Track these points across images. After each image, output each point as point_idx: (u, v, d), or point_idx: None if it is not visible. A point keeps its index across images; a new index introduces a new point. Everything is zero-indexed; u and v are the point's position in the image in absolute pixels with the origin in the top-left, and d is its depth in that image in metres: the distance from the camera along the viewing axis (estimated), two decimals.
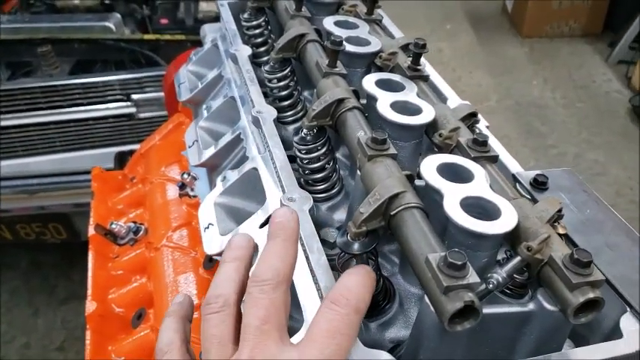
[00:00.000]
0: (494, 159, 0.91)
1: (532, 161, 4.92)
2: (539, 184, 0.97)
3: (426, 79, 1.11)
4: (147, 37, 2.92)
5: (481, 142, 0.90)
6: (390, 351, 0.84)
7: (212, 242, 1.00)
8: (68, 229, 3.11)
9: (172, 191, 1.50)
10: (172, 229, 1.39)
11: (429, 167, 0.84)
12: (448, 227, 0.78)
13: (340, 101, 0.98)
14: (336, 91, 0.98)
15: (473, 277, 0.68)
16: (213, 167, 1.20)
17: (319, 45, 1.15)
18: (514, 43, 6.73)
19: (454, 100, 1.19)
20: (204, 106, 1.30)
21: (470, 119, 1.03)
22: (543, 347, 0.77)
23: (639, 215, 4.25)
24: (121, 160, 2.43)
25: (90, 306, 1.31)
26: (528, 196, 0.97)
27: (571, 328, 0.77)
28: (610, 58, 6.20)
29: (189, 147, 1.23)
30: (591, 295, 0.70)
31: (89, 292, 1.35)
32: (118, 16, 2.95)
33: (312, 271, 0.79)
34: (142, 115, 2.88)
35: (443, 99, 1.19)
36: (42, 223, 3.10)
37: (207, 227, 1.04)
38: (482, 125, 1.12)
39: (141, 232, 1.48)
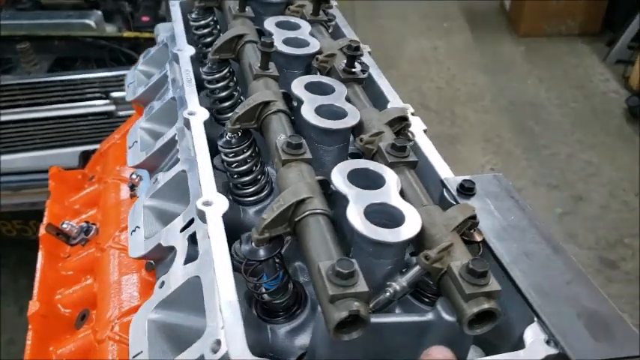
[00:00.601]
0: (413, 164, 0.90)
1: (523, 161, 4.89)
2: (466, 190, 0.96)
3: (360, 81, 1.09)
4: (126, 34, 2.91)
5: (399, 148, 0.89)
6: (299, 358, 0.83)
7: (136, 245, 0.99)
8: None
9: (125, 191, 1.50)
10: (120, 229, 1.38)
11: (340, 173, 0.83)
12: (353, 235, 0.77)
13: (265, 104, 0.97)
14: (261, 94, 0.97)
15: (361, 287, 0.67)
16: (151, 168, 1.19)
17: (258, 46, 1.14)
18: (510, 42, 6.68)
19: (395, 104, 1.17)
20: (148, 107, 1.29)
21: (400, 123, 1.02)
22: None
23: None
24: (86, 158, 2.42)
25: (32, 307, 1.30)
26: (454, 202, 0.95)
27: (472, 337, 0.76)
28: (608, 57, 6.15)
29: (129, 147, 1.22)
30: (486, 306, 0.69)
31: (35, 292, 1.35)
32: (99, 13, 2.94)
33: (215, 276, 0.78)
34: (121, 113, 2.87)
35: (383, 102, 1.17)
36: (23, 219, 3.10)
37: (134, 230, 1.03)
38: (419, 129, 1.10)
39: (92, 232, 1.47)
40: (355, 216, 0.75)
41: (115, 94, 2.84)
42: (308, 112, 0.94)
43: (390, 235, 0.74)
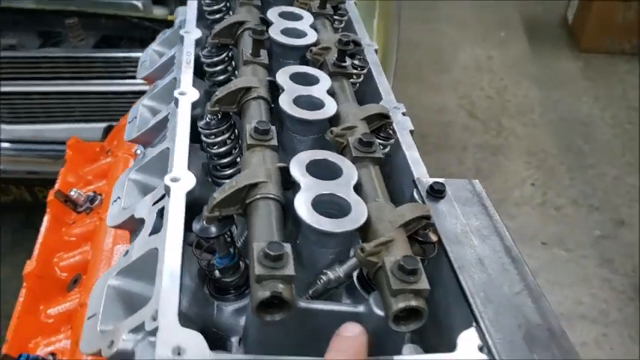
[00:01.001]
0: (378, 160, 0.91)
1: (567, 179, 4.77)
2: (436, 192, 0.96)
3: (349, 76, 1.10)
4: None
5: (366, 143, 0.90)
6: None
7: (114, 215, 1.03)
8: None
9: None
10: None
11: (299, 161, 0.84)
12: (299, 225, 0.78)
13: (247, 90, 0.99)
14: (245, 80, 1.00)
15: (289, 270, 0.68)
16: (145, 144, 1.23)
17: None
18: (569, 57, 6.50)
19: (387, 102, 1.17)
20: (152, 86, 1.34)
21: (380, 120, 1.02)
22: (379, 350, 0.76)
23: None
24: (108, 132, 2.50)
25: (28, 266, 1.37)
26: (421, 202, 0.95)
27: (404, 335, 0.76)
28: None
29: (129, 122, 1.27)
30: (412, 304, 0.69)
31: (35, 252, 1.41)
32: None
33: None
34: None
35: (377, 99, 1.18)
36: None
37: (116, 200, 1.07)
38: (405, 129, 1.10)
39: (97, 202, 1.53)
40: (302, 204, 0.77)
41: None
42: (285, 101, 0.96)
43: (331, 225, 0.75)
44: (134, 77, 2.93)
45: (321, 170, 0.84)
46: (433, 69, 5.92)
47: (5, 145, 3.11)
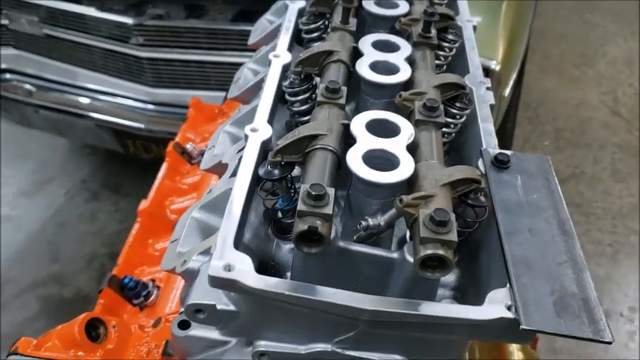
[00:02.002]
0: (440, 125, 0.95)
1: None
2: (499, 162, 0.98)
3: (432, 47, 1.14)
4: None
5: (430, 107, 0.94)
6: None
7: (207, 160, 1.17)
8: None
9: None
10: None
11: (361, 119, 0.91)
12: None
13: (329, 53, 1.07)
14: (328, 44, 1.08)
15: (327, 209, 0.76)
16: (245, 102, 1.35)
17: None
18: None
19: (474, 76, 1.19)
20: (257, 51, 1.45)
21: (456, 89, 1.05)
22: (411, 295, 0.81)
23: None
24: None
25: (143, 203, 1.56)
26: (483, 171, 0.97)
27: (435, 284, 0.81)
28: None
29: (234, 83, 1.40)
30: (439, 252, 0.74)
31: (150, 194, 1.60)
32: None
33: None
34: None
35: (464, 72, 1.20)
36: None
37: (210, 148, 1.20)
38: (486, 100, 1.12)
39: None
40: (353, 156, 0.84)
41: None
42: (361, 65, 1.02)
43: (376, 176, 0.81)
44: None
45: (381, 129, 0.90)
46: (576, 62, 5.61)
47: (150, 106, 3.44)
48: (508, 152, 1.00)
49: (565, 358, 3.16)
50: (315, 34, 1.28)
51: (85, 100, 3.58)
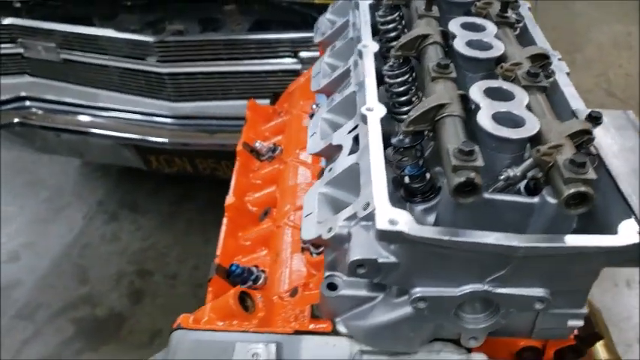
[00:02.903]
0: (544, 89, 1.07)
1: None
2: (593, 119, 1.10)
3: (511, 25, 1.26)
4: (317, 1, 3.25)
5: (533, 74, 1.07)
6: None
7: (313, 145, 1.28)
8: None
9: (305, 121, 1.80)
10: (300, 148, 1.69)
11: (477, 88, 1.02)
12: (481, 133, 0.96)
13: (425, 37, 1.19)
14: (422, 28, 1.19)
15: (479, 162, 0.87)
16: (328, 93, 1.46)
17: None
18: None
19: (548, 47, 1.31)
20: (329, 48, 1.57)
21: (542, 60, 1.18)
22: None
23: None
24: (276, 98, 2.78)
25: (229, 199, 1.66)
26: None
27: (572, 220, 0.92)
28: None
29: (313, 77, 1.51)
30: (582, 189, 0.86)
31: (231, 190, 1.70)
32: None
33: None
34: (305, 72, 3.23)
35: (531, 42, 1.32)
36: (216, 159, 3.60)
37: (312, 135, 1.31)
38: (563, 71, 1.25)
39: (277, 151, 1.80)
40: (484, 117, 0.95)
41: (302, 54, 3.20)
42: (459, 44, 1.15)
43: (510, 132, 0.93)
44: (284, 56, 3.24)
45: (497, 95, 1.02)
46: (567, 49, 5.80)
47: (172, 120, 3.53)
48: (598, 110, 1.12)
49: None
50: (391, 25, 1.40)
51: (106, 120, 3.67)
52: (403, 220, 0.89)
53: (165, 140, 3.54)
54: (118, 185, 4.81)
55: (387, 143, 1.08)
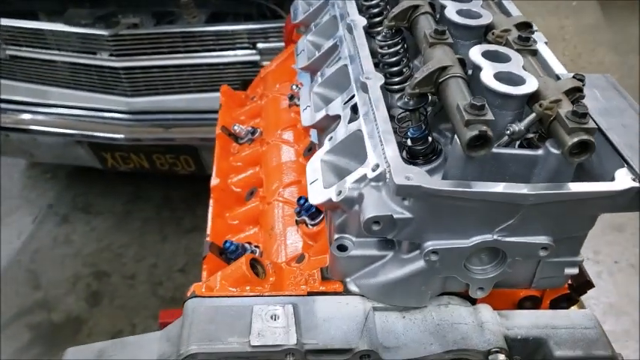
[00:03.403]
0: (534, 52, 1.13)
1: None
2: (578, 81, 1.17)
3: None
4: None
5: (524, 38, 1.13)
6: None
7: (308, 118, 1.30)
8: (197, 161, 3.56)
9: (284, 103, 1.82)
10: (281, 129, 1.71)
11: (476, 51, 1.08)
12: (483, 92, 1.01)
13: (415, 7, 1.24)
14: (410, 1, 1.24)
15: (489, 116, 0.92)
16: (314, 71, 1.49)
17: None
18: None
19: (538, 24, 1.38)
20: (312, 26, 1.60)
21: (526, 27, 1.24)
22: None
23: None
24: (245, 85, 2.78)
25: (214, 180, 1.66)
26: None
27: (572, 170, 0.98)
28: None
29: (297, 55, 1.54)
30: (584, 137, 0.92)
31: (214, 172, 1.70)
32: None
33: (378, 130, 1.06)
34: (265, 63, 3.23)
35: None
36: (175, 154, 3.56)
37: (305, 109, 1.34)
38: (541, 39, 1.32)
39: (257, 134, 1.81)
40: (487, 76, 1.00)
41: (260, 45, 3.21)
42: (450, 12, 1.20)
43: (512, 89, 0.98)
44: (242, 48, 3.24)
45: (494, 58, 1.07)
46: None
47: (128, 116, 3.47)
48: (582, 73, 1.20)
49: None
50: (374, 2, 1.44)
51: (57, 118, 3.57)
52: (417, 176, 0.93)
53: (121, 136, 3.48)
54: (68, 187, 4.68)
55: None
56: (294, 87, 1.72)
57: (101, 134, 3.50)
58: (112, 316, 3.76)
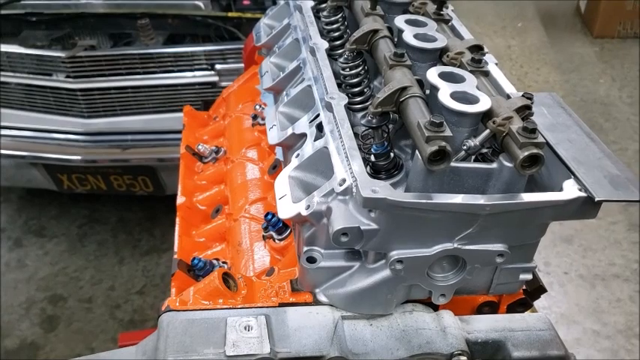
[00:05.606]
0: (486, 73, 1.22)
1: None
2: (526, 100, 1.26)
3: (447, 21, 1.41)
4: (231, 14, 3.32)
5: (476, 60, 1.21)
6: None
7: (274, 136, 1.35)
8: (155, 182, 3.56)
9: (247, 122, 1.87)
10: (245, 147, 1.75)
11: (433, 72, 1.15)
12: (441, 111, 1.09)
13: (375, 31, 1.31)
14: (371, 24, 1.31)
15: (448, 132, 0.99)
16: (279, 91, 1.55)
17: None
18: (585, 42, 6.80)
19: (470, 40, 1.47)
20: (275, 48, 1.66)
21: (478, 50, 1.33)
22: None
23: None
24: (207, 106, 2.81)
25: (180, 199, 1.69)
26: None
27: (524, 181, 1.06)
28: None
29: (262, 76, 1.59)
30: (534, 151, 1.00)
31: (179, 191, 1.73)
32: None
33: (344, 146, 1.12)
34: (223, 84, 3.27)
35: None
36: (132, 175, 3.55)
37: (271, 127, 1.39)
38: (491, 60, 1.41)
39: (220, 153, 1.85)
40: (444, 96, 1.08)
41: (218, 66, 3.25)
42: (406, 36, 1.27)
43: (468, 107, 1.06)
44: (200, 69, 3.27)
45: (450, 78, 1.15)
46: None
47: (85, 137, 3.45)
48: (530, 92, 1.29)
49: None
50: (335, 26, 1.51)
51: (10, 140, 3.52)
52: (383, 189, 0.99)
53: (78, 157, 3.45)
54: (20, 210, 4.58)
55: None
56: (257, 107, 1.77)
57: (57, 156, 3.47)
58: (69, 341, 3.69)
